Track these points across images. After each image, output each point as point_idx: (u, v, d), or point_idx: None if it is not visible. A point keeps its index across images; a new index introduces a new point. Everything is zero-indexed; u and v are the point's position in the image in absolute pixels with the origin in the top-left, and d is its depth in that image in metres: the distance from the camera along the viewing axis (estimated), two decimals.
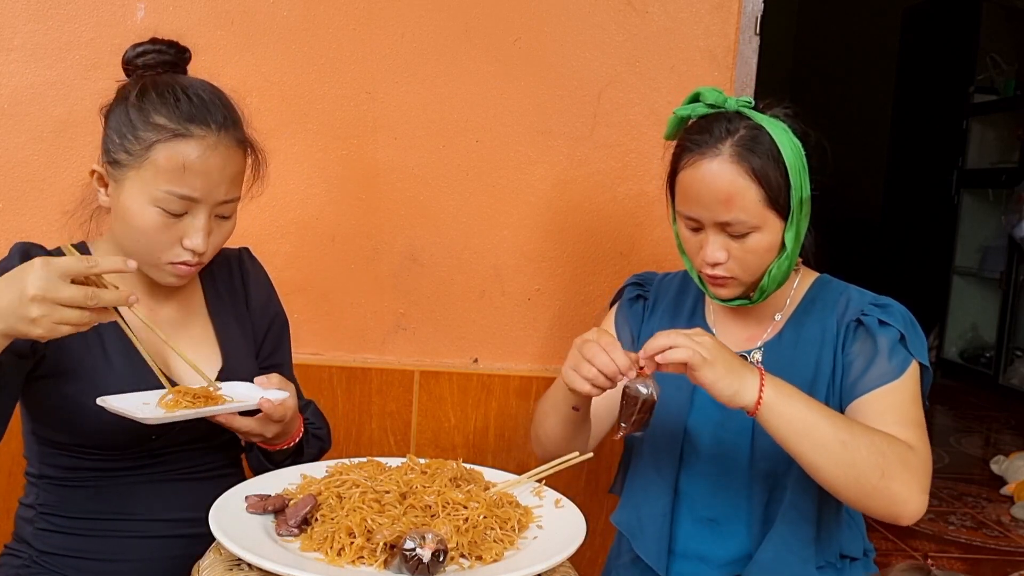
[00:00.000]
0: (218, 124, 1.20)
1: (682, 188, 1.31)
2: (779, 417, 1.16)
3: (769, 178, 1.25)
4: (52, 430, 1.24)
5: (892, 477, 1.16)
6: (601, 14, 1.93)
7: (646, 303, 1.51)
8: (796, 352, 1.35)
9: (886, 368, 1.28)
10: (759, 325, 1.40)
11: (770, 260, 1.30)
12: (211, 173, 1.19)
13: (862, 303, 1.34)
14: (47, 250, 1.24)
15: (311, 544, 1.01)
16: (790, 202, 1.28)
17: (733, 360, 1.18)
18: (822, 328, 1.35)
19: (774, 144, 1.26)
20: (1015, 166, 5.00)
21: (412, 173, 1.93)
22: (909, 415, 1.27)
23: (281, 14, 1.86)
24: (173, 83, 1.23)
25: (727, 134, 1.27)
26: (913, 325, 1.32)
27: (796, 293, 1.40)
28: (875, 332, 1.31)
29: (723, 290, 1.33)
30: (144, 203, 1.18)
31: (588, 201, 1.98)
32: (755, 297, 1.35)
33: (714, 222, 1.28)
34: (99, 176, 1.24)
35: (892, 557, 2.59)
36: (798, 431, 1.16)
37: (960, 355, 5.47)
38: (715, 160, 1.26)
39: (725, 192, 1.25)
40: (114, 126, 1.21)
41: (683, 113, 1.34)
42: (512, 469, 1.30)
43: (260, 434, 1.25)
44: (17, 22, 1.79)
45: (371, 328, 1.96)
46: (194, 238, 1.20)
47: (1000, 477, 3.36)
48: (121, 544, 1.24)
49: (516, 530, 1.08)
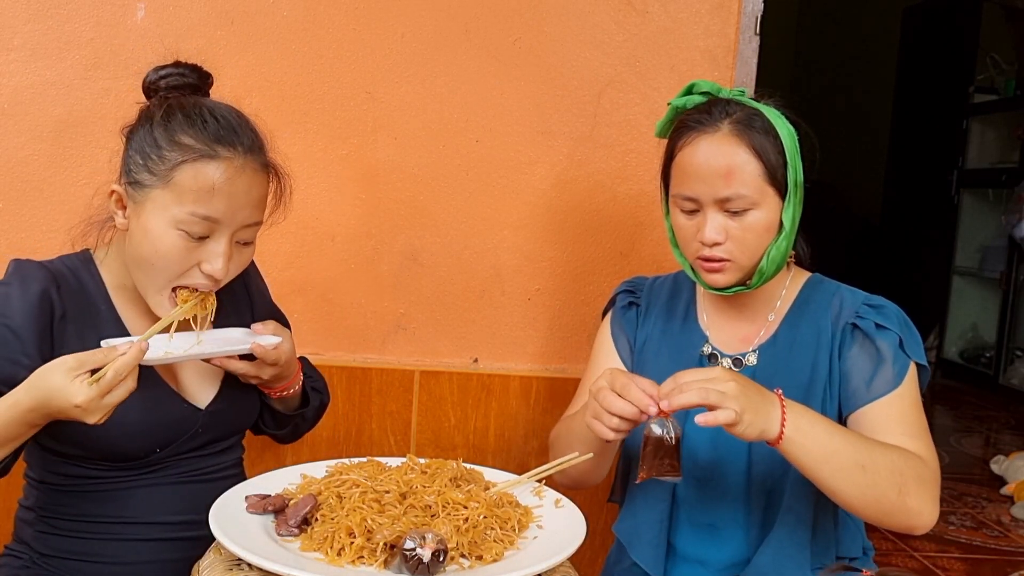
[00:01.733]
0: (245, 147, 1.19)
1: (680, 168, 1.32)
2: (800, 448, 1.15)
3: (768, 153, 1.27)
4: (58, 442, 1.23)
5: (909, 493, 1.17)
6: (601, 14, 1.93)
7: (639, 309, 1.50)
8: (791, 355, 1.35)
9: (889, 376, 1.28)
10: (752, 325, 1.40)
11: (768, 241, 1.30)
12: (237, 195, 1.18)
13: (855, 304, 1.34)
14: (42, 264, 1.23)
15: (311, 544, 1.01)
16: (787, 181, 1.29)
17: (756, 399, 1.13)
18: (816, 330, 1.34)
19: (771, 125, 1.29)
20: (1015, 166, 4.99)
21: (412, 173, 1.93)
22: (915, 424, 1.27)
23: (281, 14, 1.86)
24: (200, 104, 1.21)
25: (725, 115, 1.29)
26: (908, 325, 1.32)
27: (788, 293, 1.40)
28: (874, 337, 1.30)
29: (719, 276, 1.31)
30: (166, 225, 1.16)
31: (588, 201, 1.98)
32: (754, 282, 1.33)
33: (714, 199, 1.27)
34: (118, 197, 1.22)
35: (892, 557, 2.59)
36: (818, 459, 1.15)
37: (960, 355, 5.47)
38: (715, 135, 1.28)
39: (726, 166, 1.26)
40: (137, 147, 1.19)
41: (678, 103, 1.36)
42: (512, 469, 1.30)
43: (257, 376, 1.28)
44: (17, 22, 1.79)
45: (371, 328, 1.96)
46: (214, 263, 1.18)
47: (1000, 477, 3.36)
48: (123, 547, 1.24)
49: (516, 530, 1.08)
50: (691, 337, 1.43)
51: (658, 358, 1.42)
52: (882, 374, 1.28)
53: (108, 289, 1.27)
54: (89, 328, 1.23)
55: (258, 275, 1.48)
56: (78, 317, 1.22)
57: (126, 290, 1.27)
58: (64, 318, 1.20)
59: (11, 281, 1.20)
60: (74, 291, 1.23)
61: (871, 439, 1.23)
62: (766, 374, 1.34)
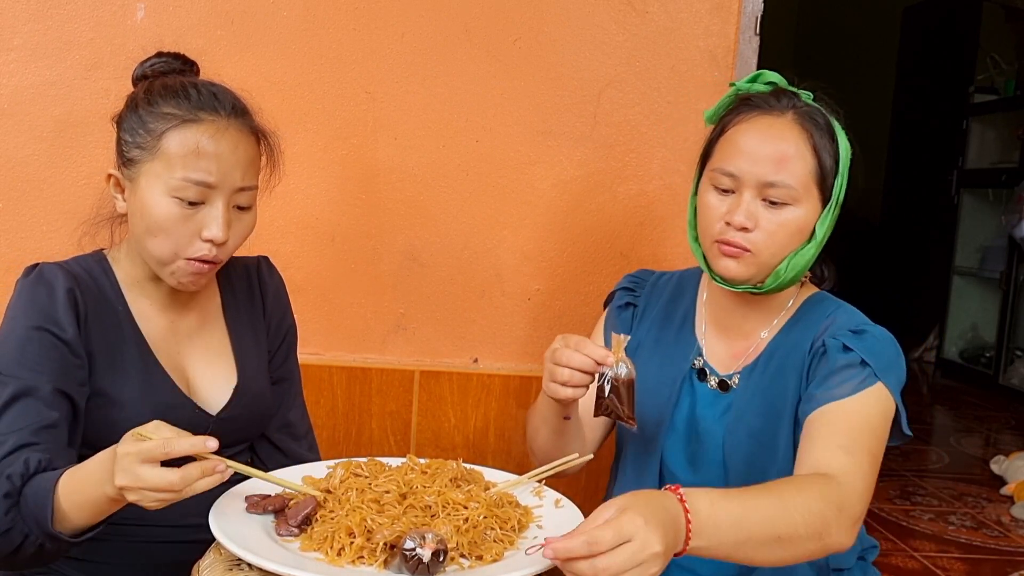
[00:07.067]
0: (227, 111, 1.21)
1: (730, 142, 1.26)
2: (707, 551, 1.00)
3: (825, 154, 1.24)
4: None
5: (830, 534, 1.08)
6: (601, 14, 1.93)
7: (635, 311, 1.46)
8: (769, 382, 1.30)
9: (845, 387, 1.20)
10: (746, 341, 1.35)
11: (796, 245, 1.25)
12: (224, 156, 1.19)
13: (841, 328, 1.26)
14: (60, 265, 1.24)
15: (311, 544, 1.01)
16: (833, 191, 1.26)
17: (671, 540, 0.92)
18: (799, 354, 1.28)
19: (834, 130, 1.26)
20: (1015, 166, 4.99)
21: (412, 173, 1.93)
22: (856, 442, 1.16)
23: (281, 14, 1.86)
24: (181, 80, 1.24)
25: (792, 105, 1.26)
26: (882, 354, 1.23)
27: (789, 310, 1.34)
28: (833, 353, 1.23)
29: (734, 263, 1.25)
30: (160, 194, 1.18)
31: (588, 201, 1.98)
32: (767, 283, 1.27)
33: (757, 182, 1.22)
34: (116, 181, 1.24)
35: (892, 557, 2.59)
36: (730, 551, 1.02)
37: (960, 355, 5.47)
38: (779, 119, 1.25)
39: (782, 151, 1.22)
40: (126, 127, 1.22)
41: (743, 86, 1.31)
42: (512, 469, 1.30)
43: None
44: (17, 22, 1.79)
45: (371, 328, 1.96)
46: (212, 227, 1.19)
47: (1000, 477, 3.36)
48: (127, 548, 1.24)
49: (516, 530, 1.08)
50: (684, 348, 1.39)
51: (648, 366, 1.36)
52: (831, 381, 1.21)
53: (123, 289, 1.27)
54: (109, 329, 1.23)
55: (278, 284, 1.46)
56: (98, 318, 1.23)
57: (140, 289, 1.28)
58: (87, 320, 1.21)
59: (40, 285, 1.20)
60: (92, 292, 1.24)
61: (787, 489, 1.08)
62: (742, 399, 1.31)
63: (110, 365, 1.22)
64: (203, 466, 0.98)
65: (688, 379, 1.37)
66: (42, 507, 1.02)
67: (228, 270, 1.37)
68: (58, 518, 1.03)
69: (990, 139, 5.33)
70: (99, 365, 1.21)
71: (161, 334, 1.28)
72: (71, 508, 1.03)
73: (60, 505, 1.03)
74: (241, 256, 1.37)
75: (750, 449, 1.29)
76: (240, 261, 1.40)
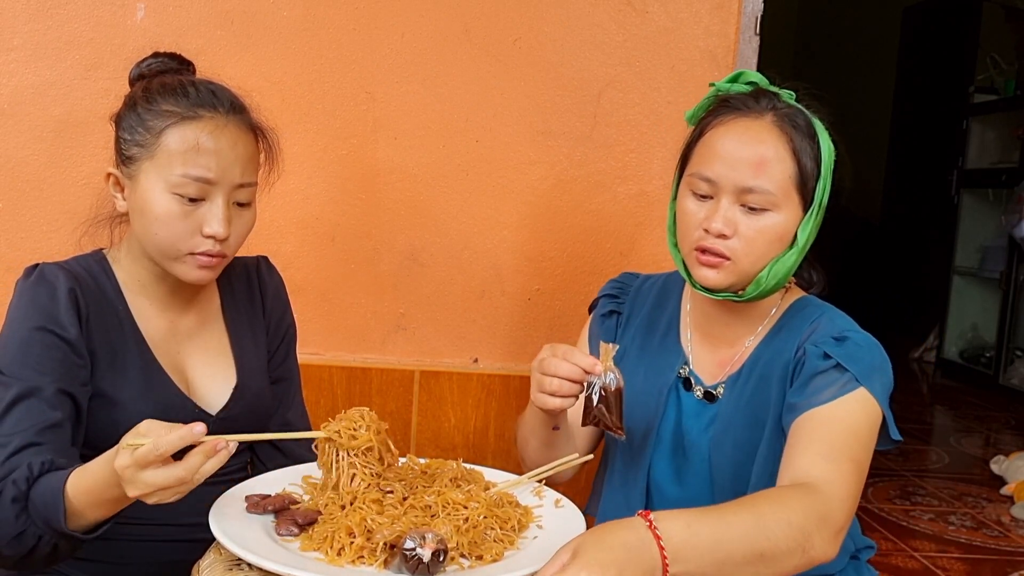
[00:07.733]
0: (225, 108, 1.22)
1: (707, 146, 1.22)
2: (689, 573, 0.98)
3: (805, 158, 1.20)
4: None
5: (813, 546, 1.05)
6: (601, 14, 1.93)
7: (620, 318, 1.42)
8: (754, 392, 1.27)
9: (817, 389, 1.18)
10: (731, 349, 1.32)
11: (777, 251, 1.22)
12: (223, 152, 1.19)
13: (823, 335, 1.22)
14: (60, 265, 1.24)
15: (311, 544, 1.01)
16: (814, 194, 1.22)
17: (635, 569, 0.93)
18: (783, 362, 1.25)
19: (815, 132, 1.23)
20: (1015, 166, 4.99)
21: (412, 173, 1.93)
22: (840, 448, 1.13)
23: (281, 14, 1.86)
24: (179, 79, 1.25)
25: (772, 106, 1.22)
26: (863, 359, 1.19)
27: (774, 316, 1.31)
28: (813, 360, 1.20)
29: (712, 272, 1.21)
30: (160, 191, 1.18)
31: (588, 201, 1.98)
32: (748, 291, 1.24)
33: (735, 187, 1.19)
34: (115, 180, 1.24)
35: (892, 557, 2.59)
36: (711, 571, 0.99)
37: (960, 355, 5.47)
38: (757, 121, 1.21)
39: (760, 155, 1.18)
40: (125, 126, 1.22)
41: (722, 86, 1.28)
42: (512, 469, 1.30)
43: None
44: (17, 22, 1.79)
45: (371, 328, 1.96)
46: (213, 223, 1.19)
47: (1000, 477, 3.36)
48: (128, 548, 1.24)
49: (516, 530, 1.08)
50: (670, 358, 1.35)
51: (634, 377, 1.33)
52: (812, 387, 1.18)
53: (123, 289, 1.27)
54: (110, 329, 1.24)
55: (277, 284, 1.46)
56: (99, 318, 1.23)
57: (140, 288, 1.28)
58: (88, 320, 1.21)
59: (41, 285, 1.20)
60: (93, 292, 1.24)
61: (765, 503, 1.06)
62: (726, 413, 1.29)
63: (110, 365, 1.22)
64: (204, 450, 0.98)
65: (674, 389, 1.34)
66: (53, 507, 1.02)
67: (228, 270, 1.37)
68: (70, 516, 1.03)
69: (990, 139, 5.33)
70: (100, 365, 1.21)
71: (161, 334, 1.28)
72: (86, 506, 1.03)
73: (72, 504, 1.03)
74: (241, 256, 1.37)
75: (737, 461, 1.27)
76: (240, 261, 1.40)
